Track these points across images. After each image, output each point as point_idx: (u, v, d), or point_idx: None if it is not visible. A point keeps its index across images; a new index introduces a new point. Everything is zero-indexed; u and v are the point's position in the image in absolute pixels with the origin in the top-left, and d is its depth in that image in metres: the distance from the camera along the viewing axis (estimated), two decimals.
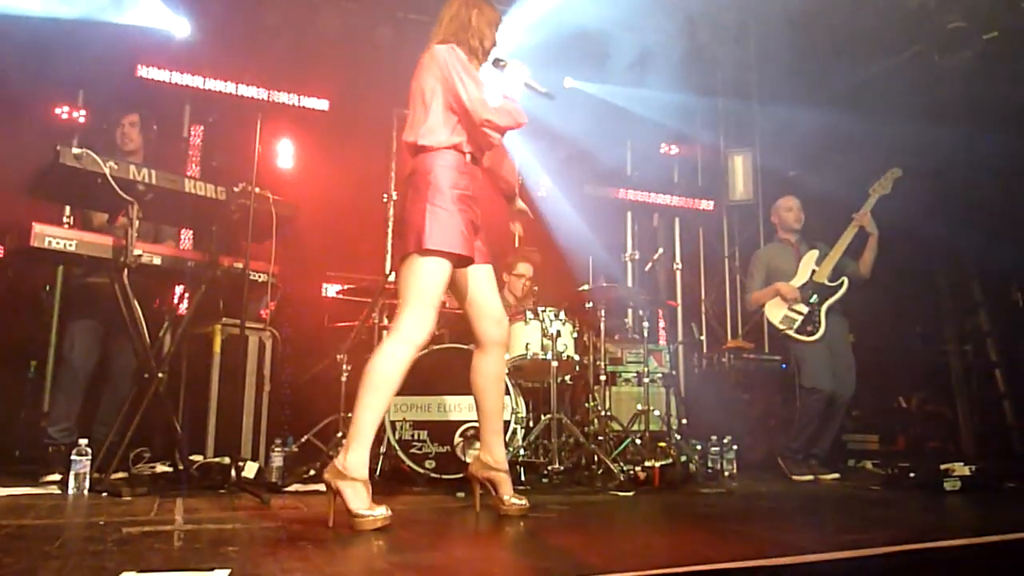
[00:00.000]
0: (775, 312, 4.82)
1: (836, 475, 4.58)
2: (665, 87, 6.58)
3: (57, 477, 3.39)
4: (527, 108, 2.81)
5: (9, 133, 4.85)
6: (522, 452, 4.04)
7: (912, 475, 4.05)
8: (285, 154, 5.99)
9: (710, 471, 4.56)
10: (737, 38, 6.85)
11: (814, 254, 4.84)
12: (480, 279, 2.84)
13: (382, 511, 2.39)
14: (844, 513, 3.32)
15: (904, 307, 5.87)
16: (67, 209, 4.72)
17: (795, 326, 4.73)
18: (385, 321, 4.66)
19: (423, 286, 2.58)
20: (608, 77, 6.63)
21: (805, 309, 4.74)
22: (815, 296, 4.74)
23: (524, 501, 2.77)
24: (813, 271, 4.79)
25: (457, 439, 4.01)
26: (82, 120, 5.34)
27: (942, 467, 3.88)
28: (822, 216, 5.12)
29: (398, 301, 2.66)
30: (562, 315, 4.40)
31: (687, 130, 7.37)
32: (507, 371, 4.19)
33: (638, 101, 6.72)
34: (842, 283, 4.74)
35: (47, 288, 4.88)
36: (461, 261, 2.68)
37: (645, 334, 5.00)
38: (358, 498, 2.39)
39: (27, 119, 5.09)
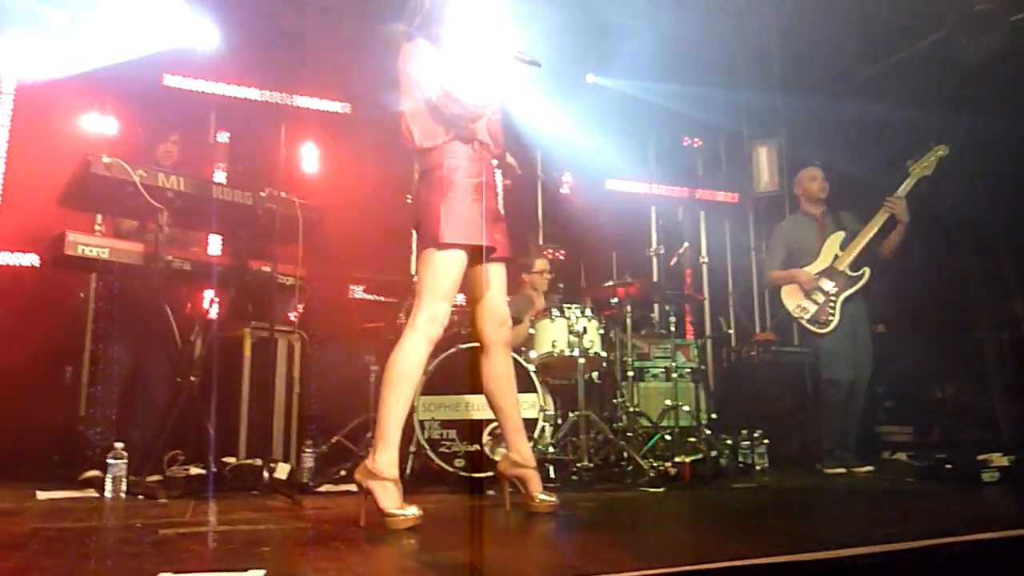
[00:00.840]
0: (790, 299, 4.72)
1: (870, 468, 4.49)
2: (686, 79, 6.53)
3: (94, 479, 3.46)
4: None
5: (40, 143, 4.94)
6: (551, 449, 4.05)
7: (948, 467, 3.98)
8: (309, 158, 6.04)
9: (741, 466, 4.53)
10: (758, 27, 6.78)
11: (839, 237, 4.68)
12: (491, 280, 2.82)
13: (413, 510, 2.40)
14: (878, 506, 3.28)
15: (937, 294, 5.75)
16: (98, 217, 4.80)
17: (808, 316, 4.63)
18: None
19: (437, 279, 2.58)
20: (629, 71, 6.60)
21: (821, 298, 4.61)
22: (834, 285, 4.61)
23: (554, 498, 2.77)
24: (836, 256, 4.65)
25: (486, 438, 4.02)
26: (111, 130, 5.42)
27: (979, 458, 3.81)
28: (853, 199, 4.99)
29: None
30: (588, 311, 4.39)
31: (709, 122, 7.31)
32: (534, 369, 4.19)
33: (659, 94, 6.67)
34: (863, 274, 4.59)
35: (81, 294, 4.96)
36: (477, 252, 2.67)
37: (672, 329, 4.97)
38: (389, 497, 2.41)
39: (57, 128, 5.18)
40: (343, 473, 4.04)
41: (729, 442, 4.68)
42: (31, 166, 4.89)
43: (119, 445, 3.31)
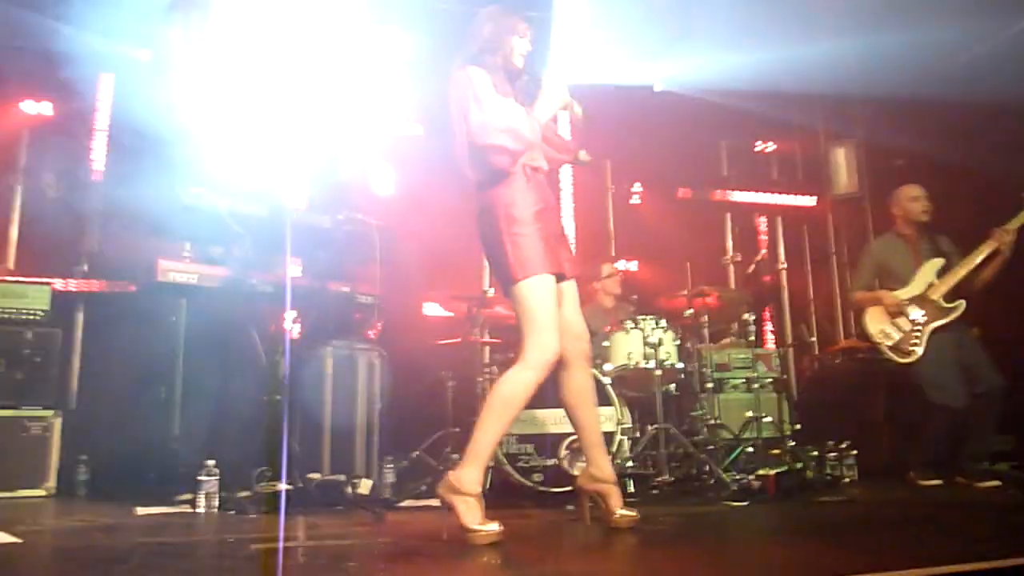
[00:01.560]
0: (874, 323, 4.42)
1: (996, 482, 4.14)
2: (758, 81, 6.40)
3: (188, 496, 3.60)
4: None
5: (134, 175, 5.21)
6: (630, 464, 4.01)
7: None
8: (384, 180, 6.19)
9: (828, 478, 4.38)
10: (832, 23, 6.59)
11: (936, 264, 4.36)
12: (564, 296, 2.80)
13: (494, 526, 2.41)
14: (978, 519, 3.11)
15: None
16: (187, 244, 5.03)
17: (891, 343, 4.34)
18: (486, 336, 4.72)
19: (532, 312, 2.59)
20: (698, 76, 6.52)
21: (908, 327, 4.30)
22: (923, 314, 4.29)
23: (634, 513, 2.74)
24: (930, 284, 4.33)
25: (563, 452, 4.01)
26: (197, 160, 5.67)
27: None
28: (937, 211, 4.73)
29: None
30: (663, 323, 4.34)
31: (783, 123, 7.15)
32: (610, 381, 4.17)
33: (730, 98, 6.55)
34: (958, 306, 4.27)
35: (173, 318, 5.20)
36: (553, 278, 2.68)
37: (752, 338, 4.86)
38: (471, 513, 2.42)
39: (149, 161, 5.46)
40: (424, 488, 4.09)
41: (815, 454, 4.54)
42: (127, 197, 5.16)
43: (210, 462, 3.44)
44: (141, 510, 3.36)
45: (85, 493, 4.09)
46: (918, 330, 4.30)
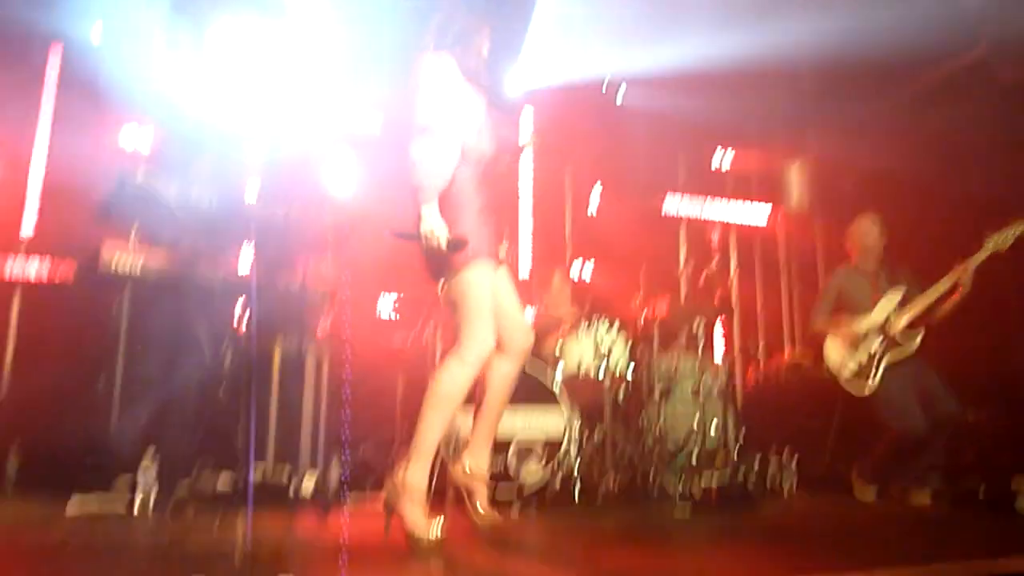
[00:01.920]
0: (832, 352, 4.49)
1: (927, 498, 4.19)
2: (717, 94, 6.51)
3: (124, 491, 3.50)
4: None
5: (78, 157, 5.05)
6: (576, 469, 4.02)
7: (981, 491, 3.90)
8: (339, 173, 6.11)
9: (769, 488, 4.46)
10: (791, 44, 6.74)
11: (896, 296, 4.42)
12: (503, 284, 2.76)
13: (436, 528, 2.40)
14: (910, 532, 3.21)
15: (967, 317, 5.64)
16: (132, 231, 4.89)
17: (846, 373, 4.41)
18: (438, 334, 4.68)
19: (468, 301, 2.57)
20: (659, 87, 6.60)
21: (864, 359, 4.38)
22: (880, 343, 4.37)
23: (496, 515, 2.64)
24: (888, 316, 4.39)
25: (511, 456, 4.01)
26: (147, 145, 5.52)
27: (1014, 484, 3.72)
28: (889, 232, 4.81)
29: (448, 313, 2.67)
30: (614, 329, 4.37)
31: (740, 139, 7.28)
32: (559, 386, 4.18)
33: (689, 110, 6.65)
34: (914, 339, 4.32)
35: (115, 305, 5.05)
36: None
37: (700, 347, 4.92)
38: (415, 514, 2.41)
39: (94, 143, 5.29)
40: (369, 486, 4.05)
41: (757, 463, 4.62)
42: (69, 179, 5.00)
43: (149, 456, 3.35)
44: (73, 506, 3.25)
45: (14, 485, 3.94)
46: (875, 364, 4.35)
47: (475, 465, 2.66)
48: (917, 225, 4.99)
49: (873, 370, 4.34)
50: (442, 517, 2.40)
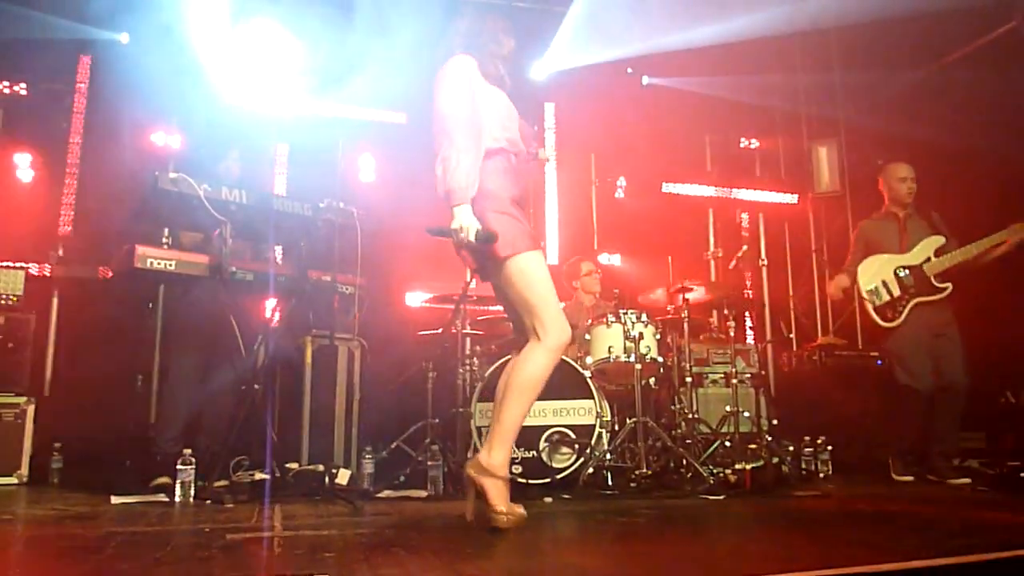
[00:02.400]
0: (867, 279, 4.52)
1: (966, 480, 4.22)
2: (743, 79, 6.44)
3: (166, 479, 3.58)
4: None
5: (110, 160, 5.15)
6: (608, 456, 4.02)
7: (1023, 475, 3.83)
8: (367, 168, 6.15)
9: (804, 473, 4.43)
10: (817, 23, 6.64)
11: (936, 241, 4.45)
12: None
13: (520, 510, 2.47)
14: (948, 516, 3.16)
15: (1010, 298, 5.52)
16: (165, 230, 4.98)
17: (878, 302, 4.46)
18: (468, 327, 4.71)
19: (535, 288, 2.58)
20: (685, 72, 6.55)
21: (897, 291, 4.43)
22: (913, 285, 4.42)
23: (521, 511, 2.56)
24: (927, 259, 4.43)
25: (543, 444, 4.02)
26: (176, 145, 5.61)
27: None
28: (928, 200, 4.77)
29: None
30: (644, 317, 4.35)
31: (767, 122, 7.19)
32: (590, 374, 4.18)
33: (715, 95, 6.59)
34: (946, 288, 4.38)
35: (150, 305, 5.15)
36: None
37: (732, 333, 4.89)
38: (501, 495, 2.47)
39: (126, 146, 5.39)
40: (402, 478, 4.09)
41: (791, 448, 4.58)
42: (103, 183, 5.10)
43: (187, 451, 3.41)
44: (116, 499, 3.33)
45: (58, 481, 4.04)
46: (904, 300, 4.42)
47: (496, 461, 2.53)
48: (950, 191, 4.92)
49: (901, 306, 4.41)
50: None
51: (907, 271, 4.46)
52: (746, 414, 4.67)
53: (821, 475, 4.47)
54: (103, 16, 5.38)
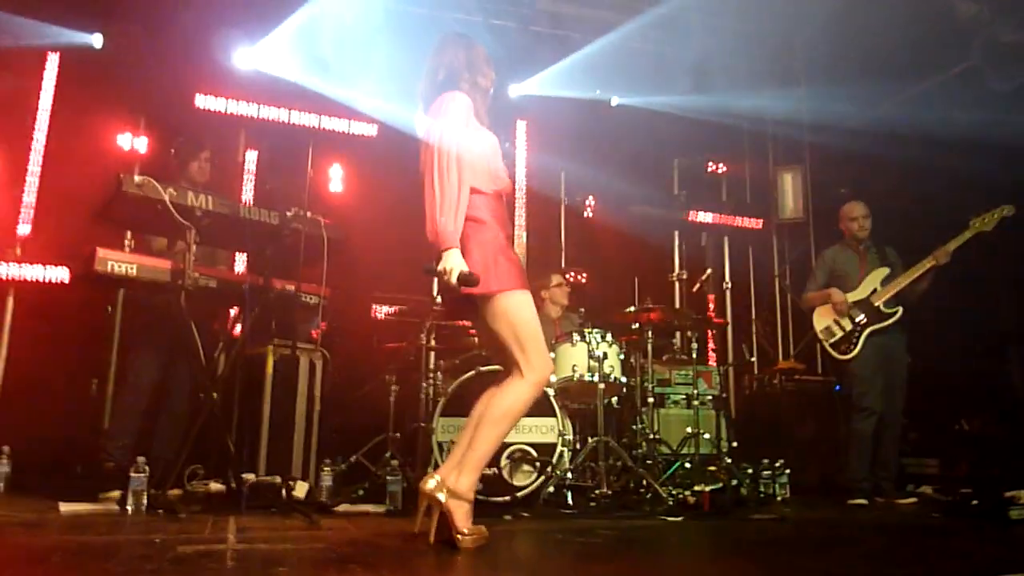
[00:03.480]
0: (820, 319, 4.77)
1: (913, 499, 4.46)
2: (711, 104, 6.55)
3: (116, 493, 3.49)
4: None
5: (74, 161, 5.06)
6: (569, 475, 4.02)
7: (975, 502, 3.91)
8: (336, 178, 6.13)
9: (762, 496, 4.47)
10: (784, 54, 6.80)
11: (882, 273, 4.70)
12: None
13: (482, 530, 2.50)
14: (902, 543, 3.21)
15: (965, 325, 5.67)
16: (128, 234, 4.89)
17: (832, 340, 4.69)
18: (432, 342, 4.69)
19: (523, 327, 2.60)
20: (655, 96, 6.65)
21: (849, 326, 4.64)
22: (863, 317, 4.63)
23: (483, 532, 2.56)
24: (874, 290, 4.67)
25: (504, 461, 4.01)
26: (143, 149, 5.53)
27: (1007, 494, 3.73)
28: (884, 226, 4.96)
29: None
30: (609, 336, 4.38)
31: (734, 147, 7.32)
32: (554, 393, 4.19)
33: (684, 119, 6.69)
34: (895, 313, 4.59)
35: (108, 309, 5.05)
36: None
37: (694, 355, 4.94)
38: (465, 518, 2.48)
39: (91, 147, 5.30)
40: (361, 493, 4.05)
41: (750, 471, 4.63)
42: (65, 183, 5.01)
43: (141, 459, 3.34)
44: (65, 507, 3.24)
45: (5, 487, 3.92)
46: (857, 332, 4.62)
47: (464, 486, 2.52)
48: (906, 213, 5.12)
49: (855, 338, 4.61)
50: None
51: (855, 307, 4.67)
52: (706, 436, 4.72)
53: (779, 498, 4.52)
54: (74, 17, 5.32)
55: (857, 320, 4.64)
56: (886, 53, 5.78)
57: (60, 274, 4.91)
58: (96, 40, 5.50)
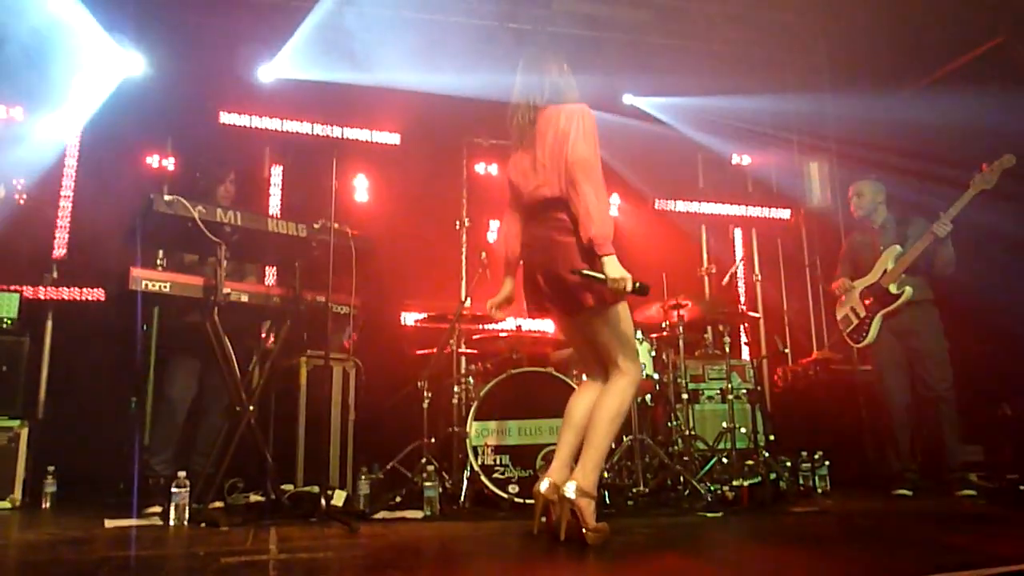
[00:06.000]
0: (840, 308, 4.82)
1: (970, 492, 4.27)
2: (735, 96, 6.50)
3: (158, 508, 3.55)
4: None
5: (106, 183, 5.15)
6: (606, 474, 4.01)
7: (1022, 488, 3.82)
8: (361, 188, 6.17)
9: (802, 489, 4.42)
10: (807, 41, 6.72)
11: (894, 251, 4.58)
12: None
13: (606, 527, 2.65)
14: (948, 531, 3.15)
15: (1007, 308, 5.54)
16: (160, 252, 4.97)
17: (849, 329, 4.72)
18: (463, 347, 4.70)
19: (627, 333, 2.88)
20: (677, 90, 6.62)
21: (863, 313, 4.63)
22: (873, 302, 4.59)
23: (605, 527, 2.74)
24: (884, 271, 4.59)
25: (539, 462, 4.01)
26: (171, 167, 5.62)
27: None
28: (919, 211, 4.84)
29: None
30: (639, 333, 4.36)
31: (759, 138, 7.24)
32: None
33: (707, 112, 6.64)
34: (903, 294, 4.50)
35: (144, 327, 5.13)
36: None
37: (727, 349, 4.89)
38: (592, 514, 2.63)
39: (121, 169, 5.40)
40: (398, 499, 4.06)
41: (789, 464, 4.58)
42: (98, 205, 5.10)
43: (182, 474, 3.39)
44: (110, 522, 3.30)
45: (52, 505, 4.01)
46: (868, 318, 4.61)
47: (591, 482, 2.73)
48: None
49: (868, 323, 4.60)
50: None
51: (867, 291, 4.65)
52: (743, 430, 4.67)
53: (819, 491, 4.46)
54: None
55: (868, 305, 4.63)
56: (911, 34, 5.68)
57: (96, 294, 5.01)
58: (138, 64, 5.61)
